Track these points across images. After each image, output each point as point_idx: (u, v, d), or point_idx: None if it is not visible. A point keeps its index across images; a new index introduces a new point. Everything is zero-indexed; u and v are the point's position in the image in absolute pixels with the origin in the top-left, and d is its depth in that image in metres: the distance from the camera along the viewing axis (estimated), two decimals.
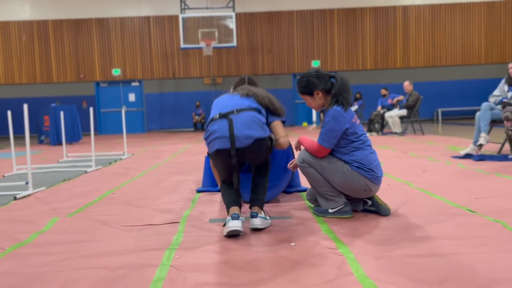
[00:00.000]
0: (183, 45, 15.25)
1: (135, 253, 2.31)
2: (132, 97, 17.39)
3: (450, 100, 17.16)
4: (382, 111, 10.88)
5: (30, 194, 4.14)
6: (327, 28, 17.06)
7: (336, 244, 2.34)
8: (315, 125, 15.67)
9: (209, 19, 15.77)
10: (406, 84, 10.25)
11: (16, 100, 16.41)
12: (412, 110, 10.01)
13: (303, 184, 3.98)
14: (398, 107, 10.60)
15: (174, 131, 17.08)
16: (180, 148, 8.84)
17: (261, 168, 2.79)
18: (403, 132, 10.06)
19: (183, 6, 15.82)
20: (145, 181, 4.77)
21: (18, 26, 16.66)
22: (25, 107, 4.39)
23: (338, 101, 2.87)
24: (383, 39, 17.08)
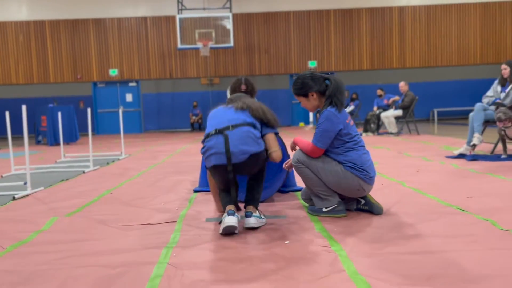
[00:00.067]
0: (180, 46, 15.29)
1: (133, 252, 2.36)
2: (129, 97, 17.42)
3: (446, 100, 17.25)
4: (378, 111, 10.95)
5: (28, 194, 4.18)
6: (323, 28, 17.13)
7: (329, 242, 2.40)
8: (311, 125, 15.74)
9: (206, 20, 15.82)
10: (402, 85, 10.33)
11: (13, 101, 16.42)
12: (408, 110, 10.08)
13: (298, 183, 4.04)
14: (393, 107, 10.67)
15: (171, 131, 17.11)
16: (177, 148, 8.88)
17: (256, 174, 2.85)
18: (399, 132, 10.13)
19: (180, 6, 15.86)
20: (143, 181, 4.82)
21: (15, 26, 16.66)
22: (23, 108, 4.43)
23: (332, 103, 2.94)
24: (379, 40, 17.16)
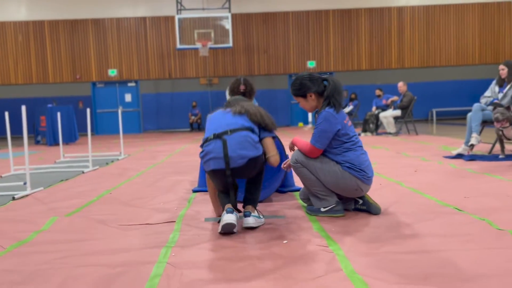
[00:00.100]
0: (179, 46, 15.30)
1: (132, 251, 2.38)
2: (128, 97, 17.43)
3: (445, 100, 17.29)
4: (376, 111, 10.98)
5: (28, 194, 4.20)
6: (322, 28, 17.15)
7: (327, 241, 2.42)
8: (310, 125, 15.77)
9: (205, 20, 15.84)
10: (400, 85, 10.36)
11: (12, 101, 16.43)
12: (406, 110, 10.11)
13: (297, 184, 4.06)
14: (392, 107, 10.70)
15: (170, 131, 17.13)
16: (177, 149, 8.90)
17: (255, 176, 2.87)
18: (397, 132, 10.16)
19: (179, 6, 15.87)
20: (142, 181, 4.84)
21: (14, 26, 16.67)
22: (23, 108, 4.45)
23: (331, 103, 2.96)
24: (378, 40, 17.19)
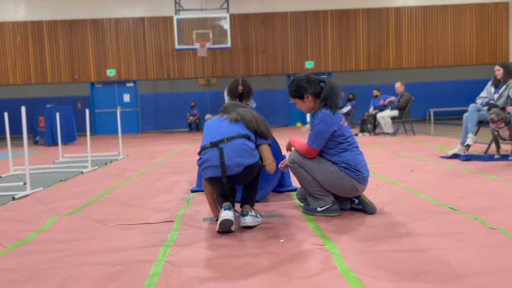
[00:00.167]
0: (177, 46, 15.34)
1: (131, 250, 2.42)
2: (126, 97, 17.46)
3: (442, 101, 17.35)
4: (374, 111, 11.02)
5: (28, 195, 4.24)
6: (320, 29, 17.21)
7: (323, 240, 2.46)
8: (308, 125, 15.82)
9: (204, 20, 15.88)
10: (398, 85, 10.40)
11: (11, 101, 16.44)
12: (404, 111, 10.15)
13: (294, 184, 4.11)
14: (389, 108, 10.75)
15: (168, 131, 17.16)
16: (175, 149, 8.94)
17: (252, 179, 2.92)
18: (395, 133, 10.21)
19: (178, 7, 15.91)
20: (141, 181, 4.88)
21: (12, 26, 16.68)
22: (22, 109, 4.49)
23: (327, 105, 3.01)
24: (376, 40, 17.25)
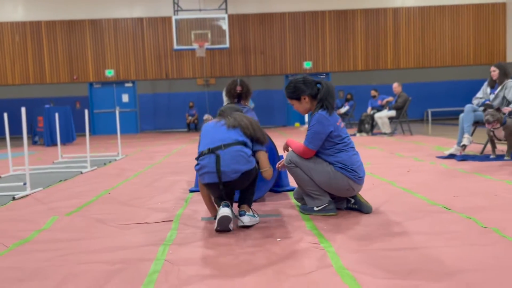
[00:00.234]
0: (176, 47, 15.37)
1: (131, 249, 2.47)
2: (125, 97, 17.49)
3: (440, 101, 17.42)
4: (372, 112, 11.08)
5: (28, 195, 4.28)
6: (318, 29, 17.26)
7: (319, 239, 2.51)
8: (307, 125, 15.87)
9: (202, 21, 15.92)
10: (395, 86, 10.46)
11: (9, 101, 16.46)
12: (401, 111, 10.21)
13: (291, 184, 4.16)
14: (387, 108, 10.80)
15: (167, 131, 17.19)
16: (174, 149, 8.98)
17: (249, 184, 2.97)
18: (392, 133, 10.26)
19: (176, 7, 15.94)
20: (140, 181, 4.92)
21: (11, 26, 16.70)
22: (23, 110, 4.53)
23: (324, 106, 3.06)
24: (374, 41, 17.31)
